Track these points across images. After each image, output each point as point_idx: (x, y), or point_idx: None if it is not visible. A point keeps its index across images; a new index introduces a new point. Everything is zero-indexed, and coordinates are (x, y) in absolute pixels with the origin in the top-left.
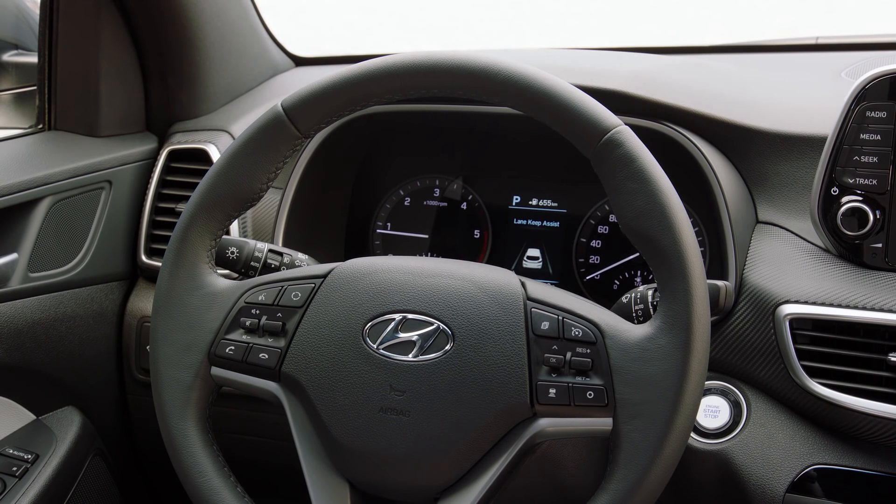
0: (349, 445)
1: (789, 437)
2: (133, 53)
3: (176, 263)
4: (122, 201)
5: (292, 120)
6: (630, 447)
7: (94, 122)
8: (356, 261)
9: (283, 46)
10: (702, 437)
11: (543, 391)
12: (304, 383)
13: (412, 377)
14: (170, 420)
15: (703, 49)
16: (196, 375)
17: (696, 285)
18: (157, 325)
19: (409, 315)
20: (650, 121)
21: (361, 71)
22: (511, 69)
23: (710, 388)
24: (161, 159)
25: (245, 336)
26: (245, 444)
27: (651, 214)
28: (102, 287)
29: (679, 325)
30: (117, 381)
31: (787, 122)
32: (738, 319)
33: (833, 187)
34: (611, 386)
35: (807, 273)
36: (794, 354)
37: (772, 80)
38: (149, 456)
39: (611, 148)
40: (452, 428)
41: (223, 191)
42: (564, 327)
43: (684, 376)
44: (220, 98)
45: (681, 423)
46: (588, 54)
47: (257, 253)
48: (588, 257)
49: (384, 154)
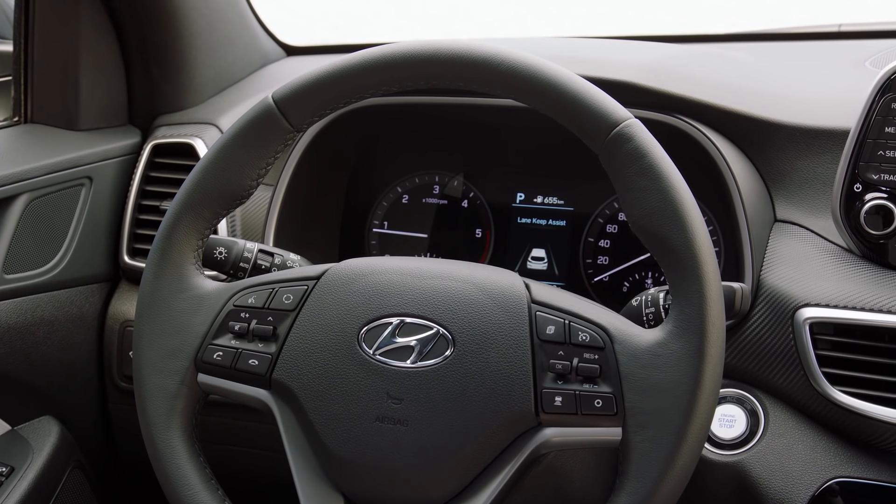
0: (344, 456)
1: (809, 449)
2: (115, 42)
3: (160, 264)
4: (103, 198)
5: (284, 113)
6: (640, 458)
7: (74, 115)
8: (351, 261)
9: (274, 35)
10: (716, 447)
11: (549, 399)
12: (297, 391)
13: (410, 384)
14: (154, 430)
15: (717, 37)
16: (182, 383)
17: (711, 287)
18: (140, 330)
19: (407, 319)
20: (662, 114)
21: (357, 61)
22: (514, 59)
23: (726, 397)
24: (145, 154)
25: (234, 341)
26: (234, 455)
27: (662, 212)
28: (82, 289)
29: (692, 330)
30: (98, 389)
31: (807, 114)
32: (754, 324)
33: (856, 184)
34: (620, 394)
35: (828, 274)
36: (815, 361)
37: (791, 69)
38: (131, 468)
39: (620, 142)
40: (453, 438)
41: (211, 188)
42: (571, 332)
43: (698, 383)
44: (207, 89)
45: (694, 432)
46: (596, 43)
47: (247, 253)
48: (596, 258)
49: (381, 149)
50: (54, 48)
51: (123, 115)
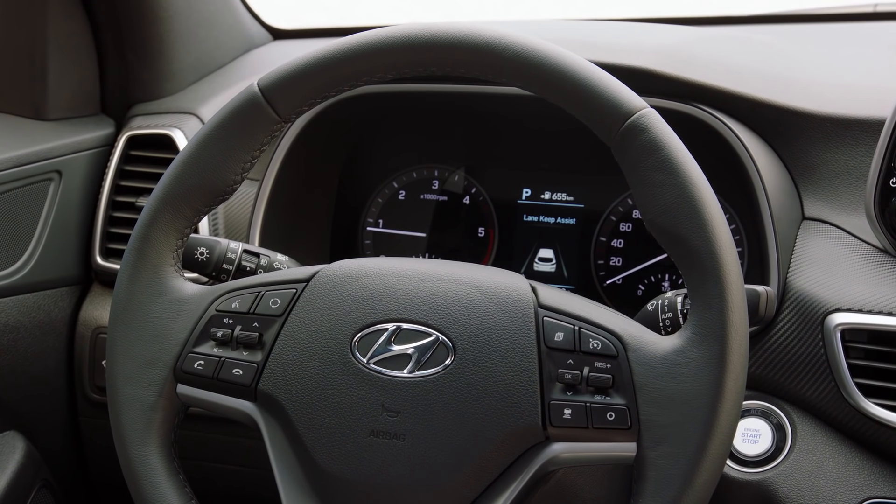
0: (336, 474)
1: (841, 466)
2: (86, 23)
3: (136, 266)
4: (73, 194)
5: (270, 102)
6: (657, 476)
7: (41, 104)
8: (343, 263)
9: (259, 17)
10: (739, 465)
11: (557, 412)
12: (284, 403)
13: (407, 396)
14: (129, 446)
15: (740, 19)
16: (159, 394)
17: (733, 291)
18: (114, 337)
19: (403, 325)
20: (680, 102)
21: (349, 46)
22: (520, 44)
23: (750, 409)
24: (119, 146)
25: (216, 349)
26: (216, 473)
27: (680, 210)
28: (51, 293)
29: (712, 337)
30: (67, 401)
31: (839, 103)
32: (781, 330)
33: (892, 178)
34: (634, 406)
35: (861, 277)
36: (847, 370)
37: (821, 54)
38: (104, 487)
39: (634, 134)
40: (453, 454)
41: (191, 183)
42: (581, 339)
43: (719, 395)
44: (186, 76)
45: (715, 448)
46: (608, 26)
47: (230, 254)
48: (608, 259)
49: (375, 141)
50: (19, 31)
51: (95, 104)
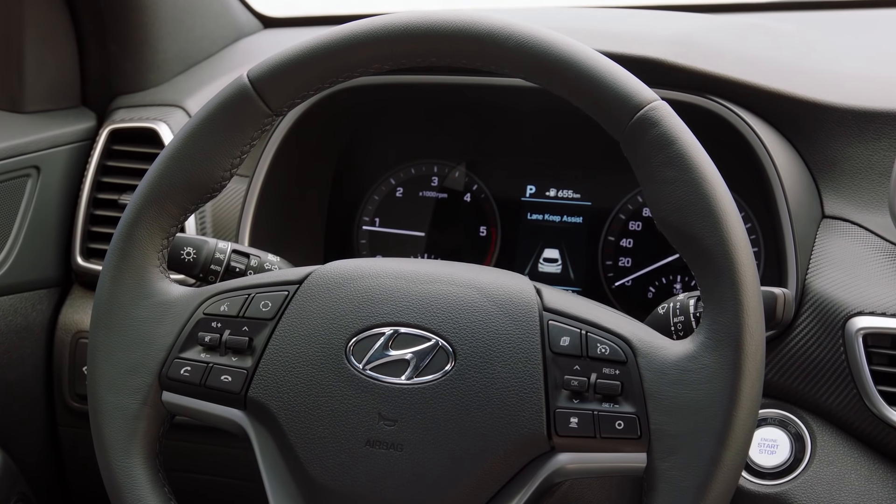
0: (330, 486)
1: (863, 478)
2: (65, 11)
3: (119, 267)
4: (52, 191)
5: (261, 94)
6: (668, 489)
7: (18, 96)
8: (338, 263)
9: (248, 4)
10: (756, 476)
11: (563, 420)
12: (275, 411)
13: (405, 403)
14: (112, 456)
15: (757, 6)
16: (144, 402)
17: (748, 293)
18: (96, 342)
19: (401, 329)
20: (692, 94)
21: (344, 35)
22: (524, 33)
23: (766, 418)
24: (100, 140)
25: (204, 354)
26: (203, 485)
27: (693, 207)
28: (28, 296)
29: (727, 342)
30: (46, 409)
31: (862, 95)
32: (799, 335)
33: None
34: (644, 414)
35: (884, 278)
36: (869, 377)
37: (843, 43)
38: (84, 501)
39: (645, 128)
40: (454, 464)
41: (177, 179)
42: (588, 343)
43: (733, 403)
44: (172, 67)
45: (729, 459)
46: (617, 14)
47: (218, 254)
48: (617, 260)
49: (371, 136)
50: None
51: (76, 96)
